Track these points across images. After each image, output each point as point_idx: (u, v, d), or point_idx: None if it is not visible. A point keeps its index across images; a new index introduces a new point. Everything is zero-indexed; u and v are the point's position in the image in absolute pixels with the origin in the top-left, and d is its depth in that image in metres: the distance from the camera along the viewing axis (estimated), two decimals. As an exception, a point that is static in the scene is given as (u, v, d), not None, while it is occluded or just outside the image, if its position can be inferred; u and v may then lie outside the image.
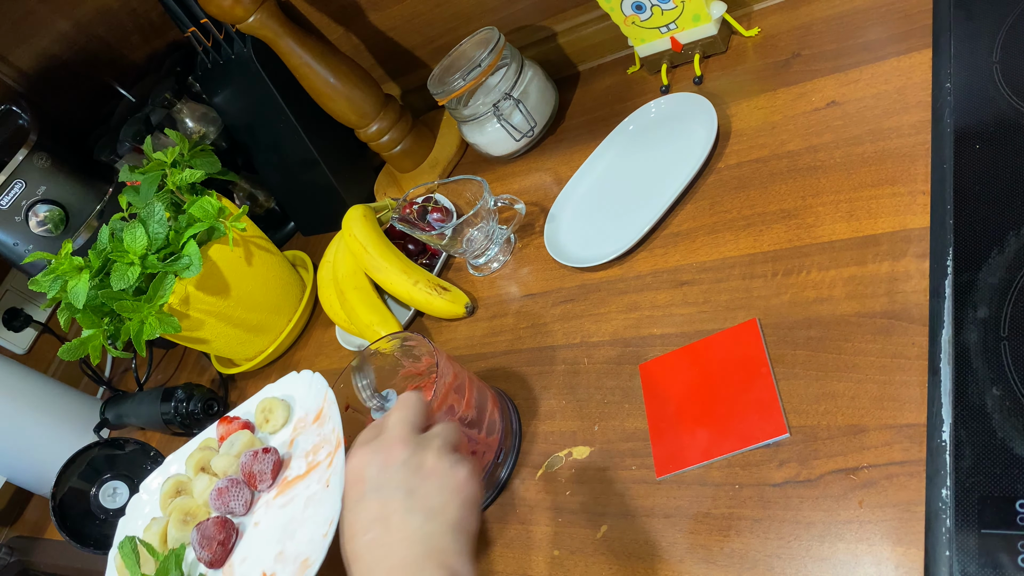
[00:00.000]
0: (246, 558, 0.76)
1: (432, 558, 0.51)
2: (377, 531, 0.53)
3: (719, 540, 0.59)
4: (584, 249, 0.85)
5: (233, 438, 0.87)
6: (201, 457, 0.88)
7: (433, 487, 0.55)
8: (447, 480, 0.56)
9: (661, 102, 0.89)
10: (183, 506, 0.83)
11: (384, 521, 0.53)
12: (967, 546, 0.48)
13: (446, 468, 0.56)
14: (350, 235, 0.98)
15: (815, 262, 0.67)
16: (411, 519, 0.53)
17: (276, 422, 0.85)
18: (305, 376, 0.86)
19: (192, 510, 0.83)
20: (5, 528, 1.39)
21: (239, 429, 0.88)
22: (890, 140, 0.69)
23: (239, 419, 0.90)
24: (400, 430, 0.58)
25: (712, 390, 0.66)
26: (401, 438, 0.58)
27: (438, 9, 1.05)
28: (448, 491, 0.55)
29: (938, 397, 0.54)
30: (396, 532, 0.53)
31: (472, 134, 1.01)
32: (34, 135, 1.20)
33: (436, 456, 0.57)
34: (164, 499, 0.87)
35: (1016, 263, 0.55)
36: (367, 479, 0.56)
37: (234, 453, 0.85)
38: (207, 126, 1.22)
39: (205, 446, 0.90)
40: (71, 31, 1.30)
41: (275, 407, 0.86)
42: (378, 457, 0.57)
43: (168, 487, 0.87)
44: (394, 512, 0.54)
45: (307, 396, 0.85)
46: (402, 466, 0.56)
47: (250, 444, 0.85)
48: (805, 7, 0.84)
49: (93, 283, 0.95)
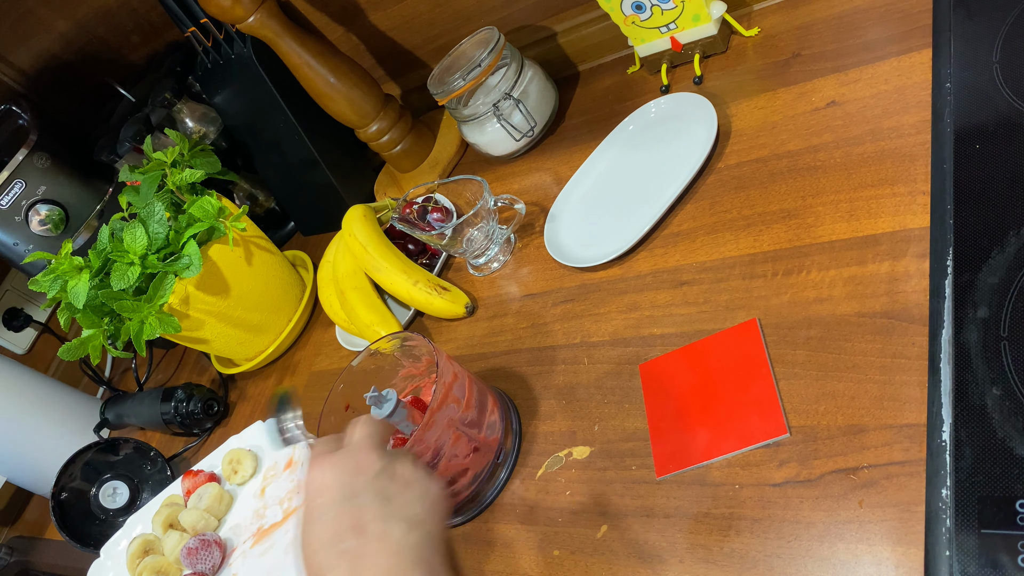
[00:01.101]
0: None
1: (420, 567, 0.49)
2: (350, 541, 0.50)
3: (719, 540, 0.59)
4: (584, 249, 0.85)
5: (201, 491, 0.85)
6: (168, 514, 0.86)
7: (413, 496, 0.53)
8: (425, 490, 0.54)
9: (661, 102, 0.89)
10: (154, 565, 0.81)
11: (358, 530, 0.50)
12: (967, 546, 0.48)
13: (423, 479, 0.54)
14: (350, 235, 0.98)
15: (815, 262, 0.67)
16: (392, 528, 0.50)
17: (244, 473, 0.85)
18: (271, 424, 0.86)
19: (164, 568, 0.81)
20: (5, 528, 1.39)
21: (206, 481, 0.87)
22: (890, 140, 0.69)
23: (203, 472, 0.89)
24: (368, 441, 0.56)
25: (712, 390, 0.66)
26: (371, 447, 0.56)
27: (438, 9, 1.05)
28: (428, 502, 0.53)
29: (938, 397, 0.54)
30: (376, 541, 0.50)
31: (472, 134, 1.01)
32: (34, 135, 1.20)
33: (411, 468, 0.55)
34: (132, 560, 0.84)
35: (1016, 263, 0.55)
36: (337, 487, 0.53)
37: (202, 507, 0.84)
38: (207, 126, 1.22)
39: (170, 503, 0.89)
40: (71, 31, 1.30)
41: (243, 458, 0.85)
42: (348, 465, 0.54)
43: (135, 547, 0.85)
44: (370, 521, 0.51)
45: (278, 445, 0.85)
46: (377, 474, 0.54)
47: (219, 497, 0.84)
48: (805, 7, 0.84)
49: (93, 283, 0.95)
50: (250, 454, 0.86)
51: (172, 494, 0.91)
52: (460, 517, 0.74)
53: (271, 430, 0.71)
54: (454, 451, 0.70)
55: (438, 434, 0.68)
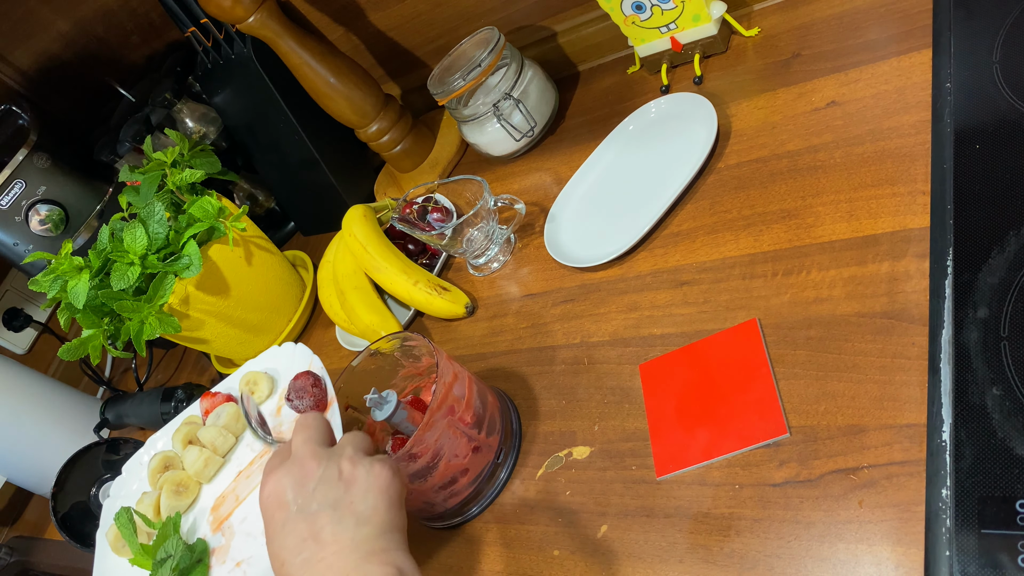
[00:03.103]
0: (246, 518, 0.78)
1: (372, 559, 0.51)
2: (310, 549, 0.52)
3: (719, 540, 0.59)
4: (584, 249, 0.85)
5: (219, 411, 0.87)
6: (188, 431, 0.88)
7: (357, 493, 0.55)
8: (369, 483, 0.55)
9: (661, 102, 0.89)
10: (175, 478, 0.84)
11: (315, 538, 0.53)
12: (967, 546, 0.48)
13: (364, 472, 0.56)
14: (350, 235, 0.98)
15: (815, 262, 0.67)
16: (343, 529, 0.53)
17: (261, 393, 0.86)
18: (287, 348, 0.87)
19: (184, 481, 0.84)
20: (5, 528, 1.39)
21: (224, 402, 0.89)
22: (890, 140, 0.69)
23: (221, 393, 0.90)
24: (307, 447, 0.58)
25: (712, 390, 0.66)
26: (311, 454, 0.57)
27: (438, 9, 1.05)
28: (373, 494, 0.55)
29: (938, 397, 0.54)
30: (330, 545, 0.52)
31: (472, 134, 1.01)
32: (34, 135, 1.21)
33: (351, 463, 0.57)
34: (153, 474, 0.87)
35: (1016, 263, 0.55)
36: (287, 502, 0.55)
37: (220, 424, 0.85)
38: (207, 126, 1.22)
39: (189, 422, 0.91)
40: (71, 31, 1.30)
41: (259, 379, 0.87)
42: (292, 478, 0.56)
43: (156, 463, 0.87)
44: (323, 527, 0.53)
45: (291, 367, 0.86)
46: (320, 481, 0.55)
47: (236, 416, 0.86)
48: (805, 7, 0.84)
49: (93, 283, 0.95)
50: (266, 376, 0.88)
51: (191, 414, 0.93)
52: (460, 517, 0.74)
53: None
54: (454, 451, 0.70)
55: (438, 434, 0.68)
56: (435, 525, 0.76)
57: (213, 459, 0.86)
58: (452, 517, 0.74)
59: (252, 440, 0.85)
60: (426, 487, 0.70)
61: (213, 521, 0.81)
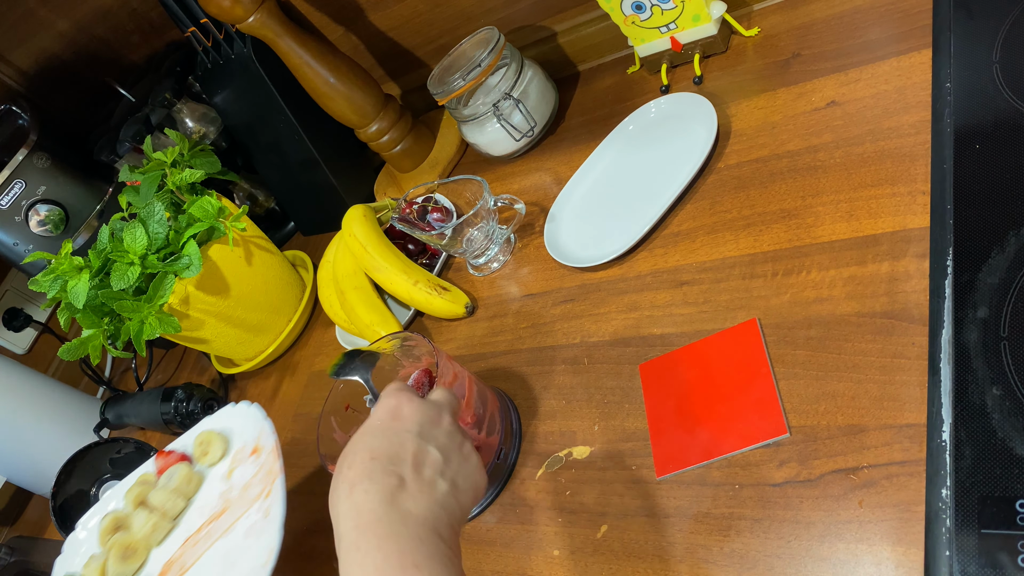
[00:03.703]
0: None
1: (448, 528, 0.51)
2: (406, 469, 0.52)
3: (719, 540, 0.59)
4: (584, 249, 0.85)
5: (171, 471, 0.87)
6: (139, 492, 0.87)
7: (466, 470, 0.56)
8: (475, 473, 0.57)
9: (661, 102, 0.89)
10: (123, 541, 0.83)
11: (417, 467, 0.53)
12: (967, 546, 0.48)
13: (476, 463, 0.57)
14: (350, 235, 0.98)
15: (815, 262, 0.67)
16: (440, 483, 0.53)
17: (214, 455, 0.86)
18: (241, 408, 0.87)
19: (132, 545, 0.83)
20: (5, 528, 1.39)
21: (177, 462, 0.88)
22: (890, 140, 0.69)
23: (175, 452, 0.90)
24: (450, 407, 0.60)
25: (712, 390, 0.66)
26: (450, 411, 0.59)
27: (438, 9, 1.05)
28: (471, 481, 0.56)
29: (938, 397, 0.54)
30: (422, 484, 0.52)
31: (472, 134, 1.01)
32: (34, 135, 1.20)
33: (471, 448, 0.58)
34: (103, 535, 0.86)
35: (1016, 263, 0.55)
36: (414, 422, 0.56)
37: (172, 487, 0.85)
38: (207, 126, 1.22)
39: (143, 481, 0.90)
40: (71, 31, 1.30)
41: (212, 440, 0.87)
42: (429, 413, 0.57)
43: (107, 523, 0.86)
44: (429, 466, 0.54)
45: (244, 428, 0.85)
46: (448, 435, 0.57)
47: (188, 478, 0.85)
48: (805, 7, 0.84)
49: (93, 283, 0.95)
50: (220, 436, 0.87)
51: (146, 472, 0.92)
52: (460, 517, 0.74)
53: None
54: (454, 451, 0.69)
55: (438, 434, 0.68)
56: (435, 525, 0.76)
57: (162, 523, 0.84)
58: (452, 517, 0.74)
59: (202, 504, 0.84)
60: (426, 487, 0.70)
61: None
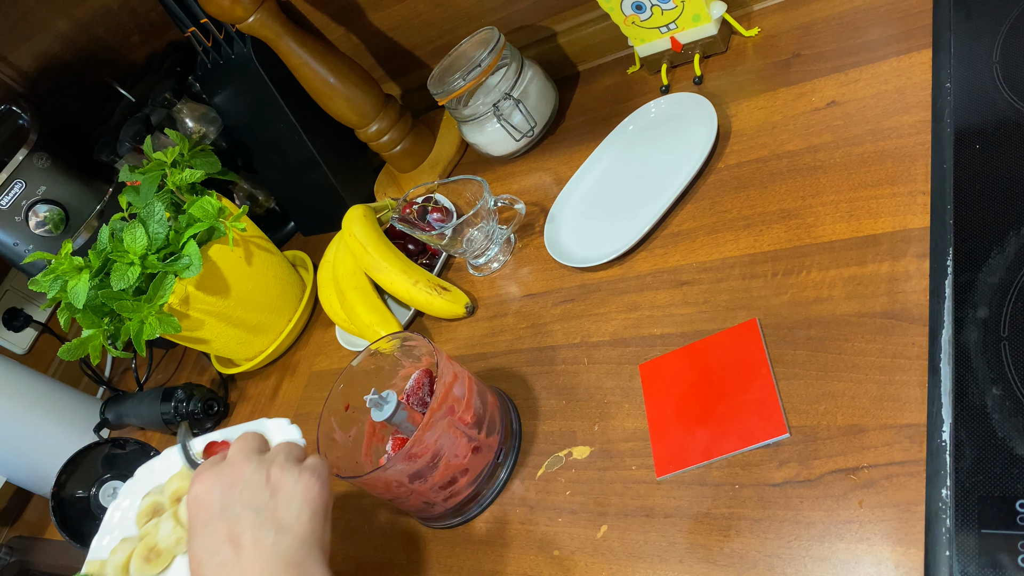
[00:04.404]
0: None
1: (289, 571, 0.50)
2: (227, 552, 0.52)
3: (719, 540, 0.59)
4: (584, 249, 0.85)
5: None
6: (179, 487, 0.84)
7: (282, 501, 0.54)
8: (295, 492, 0.55)
9: (661, 102, 0.89)
10: (149, 544, 0.81)
11: (234, 542, 0.52)
12: (967, 546, 0.48)
13: (292, 480, 0.55)
14: (350, 235, 0.98)
15: (815, 262, 0.67)
16: (263, 536, 0.52)
17: None
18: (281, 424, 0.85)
19: (157, 549, 0.82)
20: (5, 528, 1.39)
21: None
22: (890, 140, 0.69)
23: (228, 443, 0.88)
24: (242, 453, 0.58)
25: (712, 390, 0.66)
26: (244, 458, 0.57)
27: (438, 9, 1.05)
28: (297, 503, 0.54)
29: (938, 397, 0.54)
30: (248, 550, 0.51)
31: (472, 134, 1.01)
32: (34, 135, 1.20)
33: (280, 469, 0.56)
34: (140, 517, 0.85)
35: (1016, 263, 0.55)
36: (212, 503, 0.55)
37: None
38: (207, 126, 1.22)
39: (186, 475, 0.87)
40: (71, 31, 1.30)
41: None
42: (221, 479, 0.56)
43: (145, 507, 0.85)
44: (244, 531, 0.52)
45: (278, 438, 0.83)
46: (247, 484, 0.55)
47: None
48: (805, 7, 0.84)
49: (93, 283, 0.95)
50: None
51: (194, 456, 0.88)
52: (460, 517, 0.74)
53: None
54: (454, 451, 0.70)
55: (438, 435, 0.68)
56: (435, 525, 0.76)
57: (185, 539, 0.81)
58: (452, 517, 0.74)
59: None
60: (426, 487, 0.70)
61: None
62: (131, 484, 0.90)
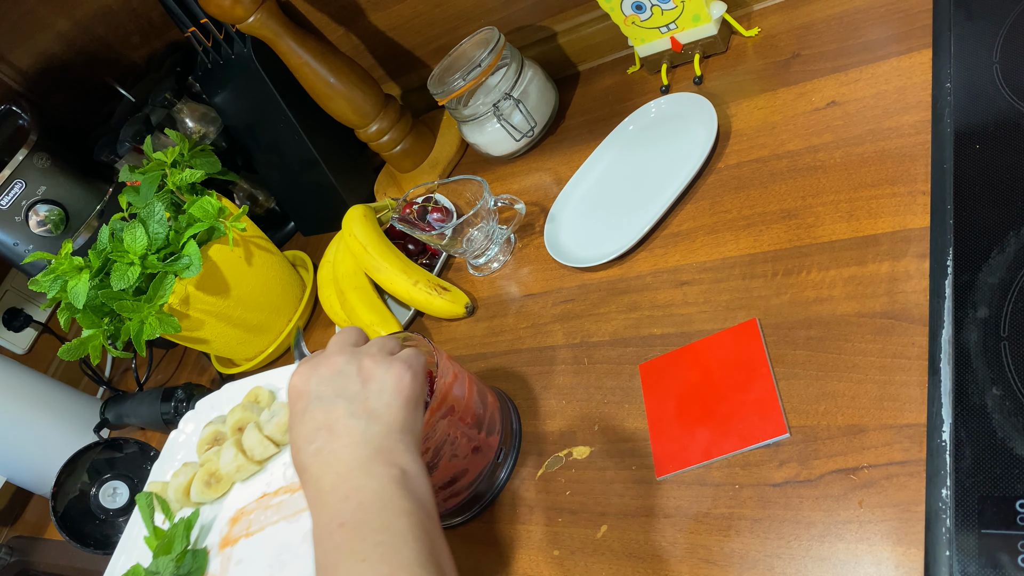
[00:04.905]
0: (242, 560, 0.77)
1: (379, 458, 0.52)
2: (323, 439, 0.54)
3: (719, 540, 0.59)
4: (584, 249, 0.85)
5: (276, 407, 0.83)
6: (241, 418, 0.84)
7: (373, 390, 0.56)
8: (386, 381, 0.56)
9: (661, 102, 0.89)
10: (210, 469, 0.82)
11: (328, 429, 0.54)
12: (967, 546, 0.48)
13: (384, 370, 0.57)
14: (350, 235, 0.98)
15: (815, 262, 0.67)
16: (354, 423, 0.54)
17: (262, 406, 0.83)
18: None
19: (217, 474, 0.82)
20: (5, 528, 1.39)
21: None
22: (890, 140, 0.69)
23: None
24: (337, 346, 0.60)
25: (712, 390, 0.66)
26: (339, 350, 0.59)
27: (438, 9, 1.05)
28: (388, 392, 0.56)
29: (938, 397, 0.54)
30: (341, 438, 0.53)
31: (472, 134, 1.01)
32: (34, 135, 1.20)
33: (373, 360, 0.58)
34: (201, 445, 0.85)
35: (1016, 263, 0.55)
36: (307, 392, 0.57)
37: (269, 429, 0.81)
38: (207, 126, 1.22)
39: (252, 400, 0.86)
40: (71, 31, 1.30)
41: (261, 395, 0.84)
42: (318, 371, 0.58)
43: (207, 435, 0.85)
44: (338, 419, 0.54)
45: None
46: (341, 374, 0.57)
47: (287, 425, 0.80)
48: (805, 7, 0.84)
49: (93, 283, 0.95)
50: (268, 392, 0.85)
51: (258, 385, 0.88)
52: (460, 517, 0.74)
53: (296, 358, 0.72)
54: (454, 451, 0.69)
55: (438, 434, 0.68)
56: (435, 525, 0.76)
57: (247, 466, 0.83)
58: (452, 517, 0.74)
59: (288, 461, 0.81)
60: (426, 487, 0.70)
61: (224, 536, 0.80)
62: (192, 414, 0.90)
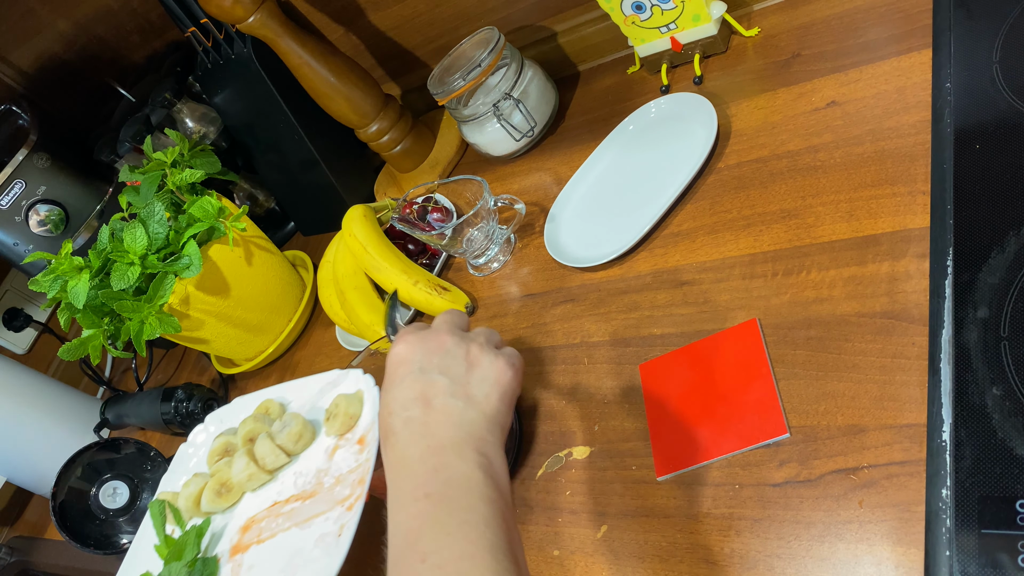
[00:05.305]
0: (254, 566, 0.76)
1: (470, 443, 0.52)
2: (418, 410, 0.54)
3: (719, 540, 0.59)
4: (584, 249, 0.85)
5: (288, 418, 0.80)
6: (252, 428, 0.82)
7: (476, 376, 0.57)
8: (489, 372, 0.57)
9: (661, 102, 0.89)
10: (221, 479, 0.81)
11: (426, 402, 0.54)
12: (967, 546, 0.48)
13: (489, 360, 0.58)
14: (350, 235, 0.98)
15: (815, 262, 0.67)
16: (453, 403, 0.54)
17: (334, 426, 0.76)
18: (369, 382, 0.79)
19: (228, 484, 0.82)
20: (5, 528, 1.39)
21: None
22: (890, 140, 0.69)
23: None
24: (447, 326, 0.60)
25: (712, 390, 0.66)
26: (449, 330, 0.60)
27: (438, 9, 1.05)
28: (489, 383, 0.56)
29: (938, 397, 0.54)
30: (437, 414, 0.54)
31: (472, 134, 1.01)
32: (34, 135, 1.20)
33: (480, 348, 0.58)
34: (211, 456, 0.85)
35: (1016, 263, 0.55)
36: (412, 361, 0.57)
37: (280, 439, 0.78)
38: (207, 126, 1.22)
39: (263, 411, 0.85)
40: (71, 31, 1.30)
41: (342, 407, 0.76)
42: (426, 344, 0.58)
43: (217, 446, 0.84)
44: (437, 395, 0.55)
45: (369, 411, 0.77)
46: (447, 353, 0.57)
47: (300, 434, 0.78)
48: (805, 7, 0.84)
49: (93, 283, 0.95)
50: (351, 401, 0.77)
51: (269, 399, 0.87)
52: (460, 517, 0.74)
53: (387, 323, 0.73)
54: (454, 451, 0.69)
55: (438, 434, 0.68)
56: (435, 525, 0.76)
57: (258, 475, 0.81)
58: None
59: (300, 471, 0.78)
60: (426, 487, 0.70)
61: (235, 543, 0.79)
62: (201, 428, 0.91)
